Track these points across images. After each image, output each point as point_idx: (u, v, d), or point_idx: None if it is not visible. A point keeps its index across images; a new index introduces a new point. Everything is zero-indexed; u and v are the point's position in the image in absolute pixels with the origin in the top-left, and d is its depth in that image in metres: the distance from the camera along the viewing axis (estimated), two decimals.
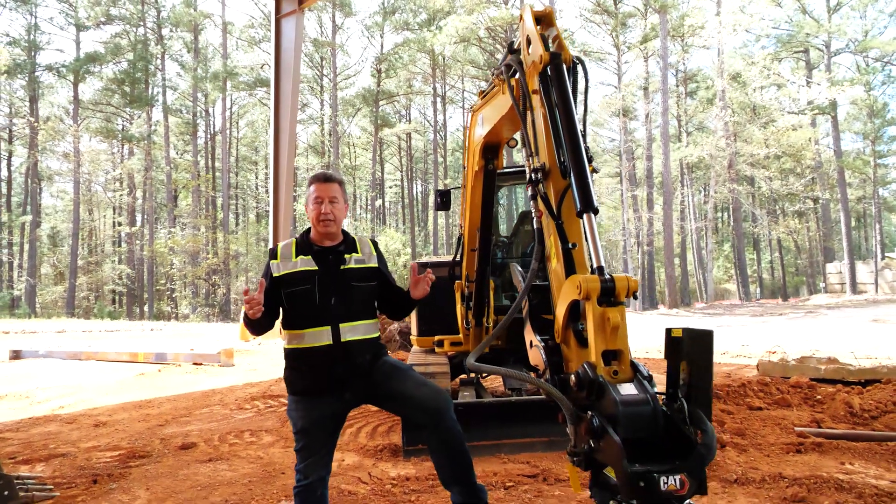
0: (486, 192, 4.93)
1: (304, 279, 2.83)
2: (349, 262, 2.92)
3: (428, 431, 2.85)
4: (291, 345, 2.86)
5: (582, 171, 2.38)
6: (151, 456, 4.87)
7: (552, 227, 2.50)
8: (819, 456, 4.30)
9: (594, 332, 2.08)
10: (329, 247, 2.94)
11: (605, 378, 2.02)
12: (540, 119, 2.68)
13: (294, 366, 2.87)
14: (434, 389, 2.89)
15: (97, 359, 11.81)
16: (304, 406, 2.81)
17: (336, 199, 2.92)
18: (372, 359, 2.88)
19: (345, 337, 2.80)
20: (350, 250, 2.97)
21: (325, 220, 2.88)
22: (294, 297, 2.84)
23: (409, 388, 2.87)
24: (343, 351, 2.79)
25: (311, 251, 2.91)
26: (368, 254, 3.01)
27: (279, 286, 2.85)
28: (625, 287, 2.11)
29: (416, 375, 2.97)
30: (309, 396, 2.82)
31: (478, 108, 4.60)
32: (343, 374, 2.80)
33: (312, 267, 2.86)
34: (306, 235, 2.99)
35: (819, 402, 5.77)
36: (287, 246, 2.96)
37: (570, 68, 2.69)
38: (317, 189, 2.91)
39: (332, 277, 2.85)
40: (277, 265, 2.89)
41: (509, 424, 4.76)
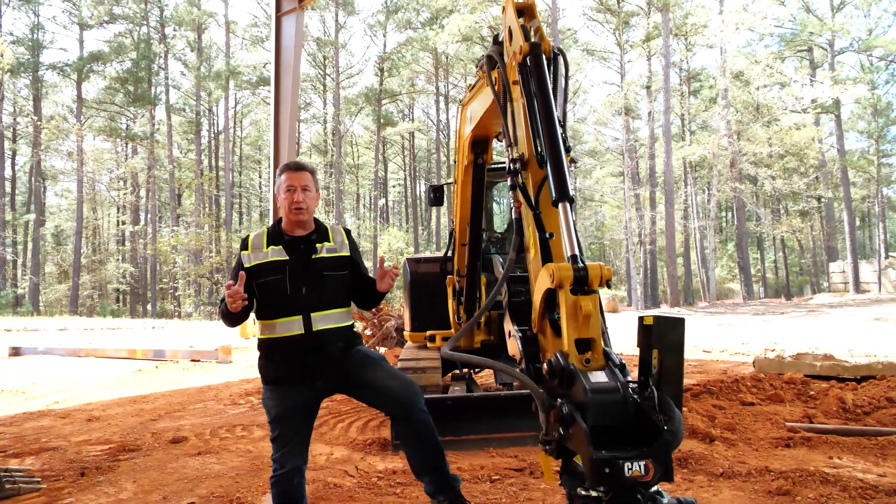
0: (476, 187, 4.92)
1: (274, 269, 2.82)
2: (321, 251, 2.90)
3: (398, 422, 2.86)
4: (264, 335, 2.87)
5: (558, 161, 2.38)
6: (141, 449, 4.89)
7: (530, 217, 2.50)
8: (807, 450, 4.29)
9: (567, 321, 2.08)
10: (300, 236, 2.94)
11: (576, 366, 2.01)
12: (519, 109, 2.69)
13: (267, 355, 2.88)
14: (405, 381, 2.90)
15: (96, 355, 11.85)
16: (277, 395, 2.82)
17: (308, 187, 2.91)
18: (344, 347, 2.88)
19: (316, 326, 2.79)
20: (322, 239, 2.95)
21: (298, 209, 2.86)
22: (265, 288, 2.83)
23: (381, 378, 2.86)
24: (315, 340, 2.79)
25: (282, 241, 2.90)
26: (340, 242, 3.00)
27: (251, 277, 2.84)
28: (597, 275, 2.10)
29: (387, 366, 2.97)
30: (282, 385, 2.82)
31: (466, 101, 4.60)
32: (315, 363, 2.80)
33: (283, 257, 2.85)
34: (278, 225, 2.99)
35: (812, 397, 5.75)
36: (258, 236, 2.95)
37: (551, 59, 2.70)
38: (288, 178, 2.89)
39: (304, 267, 2.84)
40: (248, 256, 2.89)
41: (499, 419, 4.76)
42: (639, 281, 40.25)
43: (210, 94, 45.78)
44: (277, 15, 17.59)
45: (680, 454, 4.11)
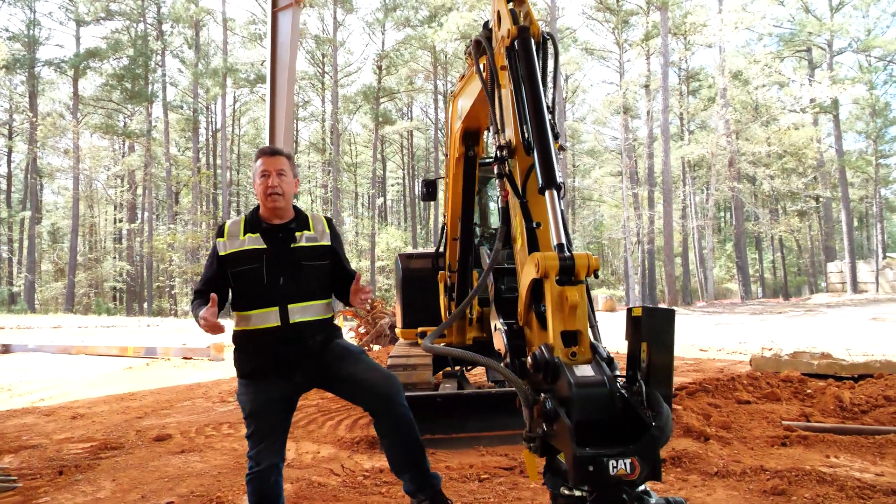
0: (467, 180, 4.83)
1: (251, 258, 2.71)
2: (300, 240, 2.79)
3: (378, 417, 2.74)
4: (239, 327, 2.76)
5: (545, 147, 2.29)
6: (124, 447, 4.78)
7: (517, 206, 2.41)
8: (804, 449, 4.19)
9: (552, 313, 1.99)
10: (279, 224, 2.82)
11: (561, 359, 1.92)
12: (507, 95, 2.60)
13: (242, 348, 2.77)
14: (385, 374, 2.80)
15: (87, 353, 11.74)
16: (252, 389, 2.71)
17: (284, 172, 2.79)
18: (323, 340, 2.77)
19: (294, 318, 2.69)
20: (301, 228, 2.84)
21: (273, 195, 2.75)
22: (240, 277, 2.72)
23: (360, 371, 2.76)
24: (292, 333, 2.68)
25: (259, 229, 2.78)
26: (321, 231, 2.89)
27: (225, 265, 2.74)
28: (584, 265, 2.01)
29: (367, 359, 2.86)
30: (257, 379, 2.72)
31: (457, 93, 4.51)
32: (292, 355, 2.69)
33: (260, 245, 2.73)
34: (255, 213, 2.87)
35: (809, 396, 5.66)
36: (235, 223, 2.84)
37: (540, 43, 2.60)
38: (264, 162, 2.78)
39: (282, 256, 2.73)
40: (224, 243, 2.77)
41: (489, 416, 4.65)
42: (637, 280, 40.19)
43: (208, 92, 45.62)
44: (273, 10, 17.45)
45: (674, 453, 4.01)
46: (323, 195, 49.79)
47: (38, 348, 12.32)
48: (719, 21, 35.05)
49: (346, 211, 53.14)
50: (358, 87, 49.08)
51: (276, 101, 17.37)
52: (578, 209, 52.75)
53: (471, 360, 2.21)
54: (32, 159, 43.19)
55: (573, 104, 53.01)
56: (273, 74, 17.42)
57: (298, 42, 20.04)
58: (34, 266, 42.57)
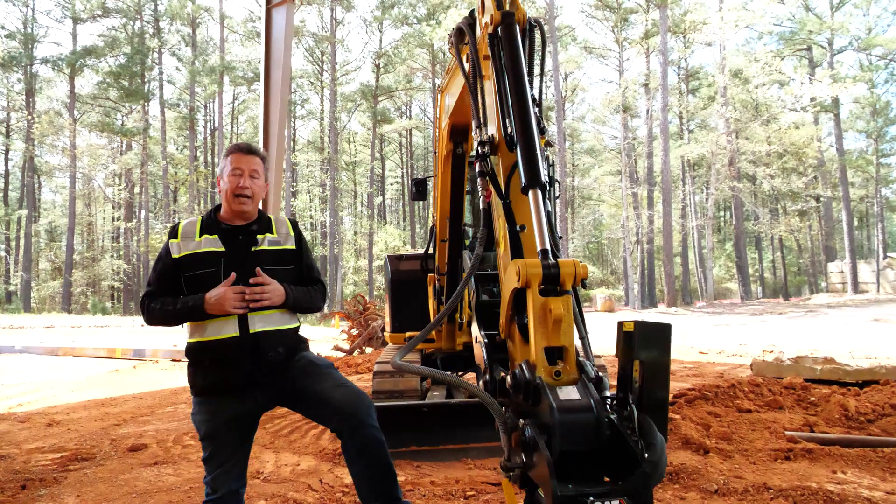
0: (456, 179, 4.62)
1: (207, 261, 2.48)
2: (262, 242, 2.57)
3: (343, 438, 2.49)
4: (193, 338, 2.51)
5: (529, 142, 2.08)
6: (95, 458, 4.56)
7: (500, 207, 2.19)
8: (809, 463, 3.97)
9: (534, 326, 1.78)
10: (240, 226, 2.60)
11: (543, 379, 1.71)
12: (489, 86, 2.39)
13: (196, 361, 2.52)
14: (353, 391, 2.54)
15: (74, 354, 11.53)
16: (208, 408, 2.47)
17: (257, 173, 2.58)
18: (287, 353, 2.54)
19: (254, 327, 2.45)
20: (264, 230, 2.62)
21: (242, 197, 2.53)
22: (195, 282, 2.48)
23: (326, 388, 2.51)
24: (252, 343, 2.45)
25: (217, 230, 2.56)
26: (285, 234, 2.67)
27: (178, 269, 2.51)
28: (571, 273, 1.80)
29: (335, 374, 2.62)
30: (214, 397, 2.48)
31: (444, 87, 4.29)
32: (252, 370, 2.45)
33: (218, 248, 2.51)
34: (214, 213, 2.64)
35: (813, 404, 5.44)
36: (191, 223, 2.61)
37: (526, 31, 2.39)
38: (236, 160, 2.56)
39: (241, 260, 2.50)
40: (177, 245, 2.54)
41: (478, 427, 4.42)
42: (636, 280, 39.97)
43: (205, 90, 45.36)
44: (268, 7, 17.21)
45: (671, 468, 3.79)
46: (321, 194, 49.56)
47: (25, 349, 12.11)
48: (719, 19, 34.82)
49: (344, 210, 52.91)
50: (356, 85, 48.84)
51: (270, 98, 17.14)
52: (578, 208, 52.50)
53: (440, 378, 1.99)
54: (30, 158, 42.93)
55: (573, 103, 52.82)
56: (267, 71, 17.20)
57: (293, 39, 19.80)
58: (30, 265, 42.32)
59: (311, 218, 52.03)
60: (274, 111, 17.53)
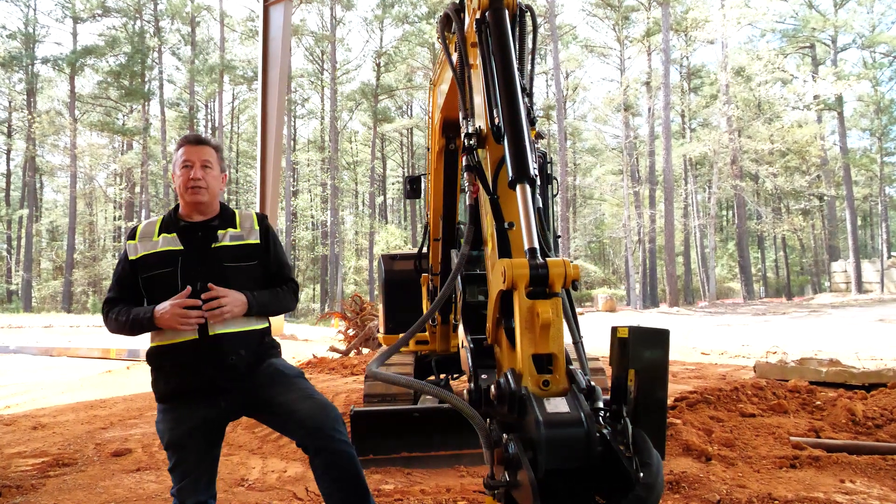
0: (449, 175, 4.48)
1: (164, 261, 2.35)
2: (222, 238, 2.42)
3: (311, 454, 2.33)
4: (154, 342, 2.38)
5: (517, 134, 1.93)
6: (76, 464, 4.42)
7: (488, 203, 2.04)
8: (816, 472, 3.82)
9: (521, 332, 1.64)
10: (199, 222, 2.45)
11: (530, 390, 1.56)
12: (477, 75, 2.24)
13: (157, 366, 2.39)
14: (320, 404, 2.37)
15: (68, 355, 11.42)
16: (171, 416, 2.33)
17: (209, 163, 2.43)
18: (251, 357, 2.37)
19: (214, 329, 2.29)
20: (226, 225, 2.47)
21: (195, 188, 2.38)
22: (152, 283, 2.36)
23: (292, 399, 2.35)
24: (211, 347, 2.29)
25: (176, 228, 2.43)
26: (249, 228, 2.50)
27: (136, 270, 2.38)
28: (560, 274, 1.65)
29: (303, 384, 2.45)
30: (177, 404, 2.33)
31: (435, 80, 4.15)
32: (214, 375, 2.30)
33: (176, 246, 2.38)
34: (174, 212, 2.50)
35: (819, 408, 5.28)
36: (150, 224, 2.48)
37: (516, 16, 2.24)
38: (186, 152, 2.41)
39: (200, 257, 2.37)
40: (135, 246, 2.41)
41: (472, 433, 4.26)
42: (638, 280, 39.80)
43: (205, 89, 45.27)
44: (265, 4, 17.16)
45: (672, 476, 3.64)
46: (322, 193, 49.44)
47: (19, 350, 12.00)
48: (721, 17, 34.61)
49: (345, 209, 52.77)
50: (357, 84, 48.70)
51: (268, 96, 17.07)
52: (579, 208, 52.30)
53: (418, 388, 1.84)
54: (31, 157, 42.89)
55: (574, 102, 52.59)
56: (265, 69, 17.11)
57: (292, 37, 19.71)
58: (31, 264, 42.27)
59: (311, 217, 51.94)
60: (272, 109, 17.43)
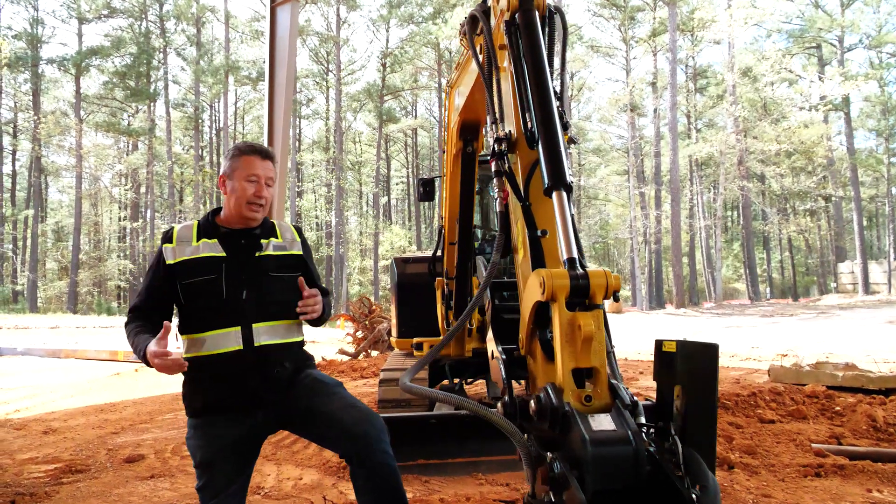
0: (466, 179, 4.42)
1: (206, 267, 2.25)
2: (266, 247, 2.34)
3: (353, 465, 2.21)
4: (190, 353, 2.26)
5: (552, 139, 1.88)
6: (90, 470, 4.37)
7: (519, 210, 1.99)
8: (842, 480, 3.75)
9: (561, 345, 1.58)
10: (241, 229, 2.36)
11: (573, 406, 1.51)
12: (507, 79, 2.19)
13: (194, 378, 2.28)
14: (365, 413, 2.27)
15: (76, 357, 11.38)
16: (204, 433, 2.23)
17: (272, 181, 2.37)
18: (293, 369, 2.31)
19: (259, 340, 2.22)
20: (268, 235, 2.39)
21: (256, 206, 2.31)
22: (193, 291, 2.25)
23: (335, 408, 2.25)
24: (257, 357, 2.22)
25: (216, 233, 2.33)
26: (290, 239, 2.44)
27: (174, 276, 2.27)
28: (602, 285, 1.59)
29: (344, 394, 2.37)
30: (212, 418, 2.23)
31: (453, 82, 4.09)
32: (256, 387, 2.22)
33: (218, 252, 2.28)
34: (212, 217, 2.40)
35: (838, 414, 5.21)
36: (187, 228, 2.36)
37: (546, 19, 2.19)
38: (251, 165, 2.32)
39: (244, 266, 2.28)
40: (172, 250, 2.29)
41: (489, 439, 4.20)
42: (643, 281, 39.67)
43: (210, 89, 45.32)
44: (272, 5, 17.05)
45: None
46: (326, 194, 49.44)
47: (26, 352, 11.98)
48: (728, 17, 34.48)
49: (349, 210, 52.76)
50: (362, 84, 48.70)
51: (275, 97, 16.94)
52: (584, 208, 52.17)
53: (456, 403, 1.78)
54: (36, 158, 43.00)
55: (579, 102, 52.50)
56: (272, 70, 16.98)
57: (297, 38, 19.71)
58: (37, 264, 42.36)
59: (316, 218, 51.95)
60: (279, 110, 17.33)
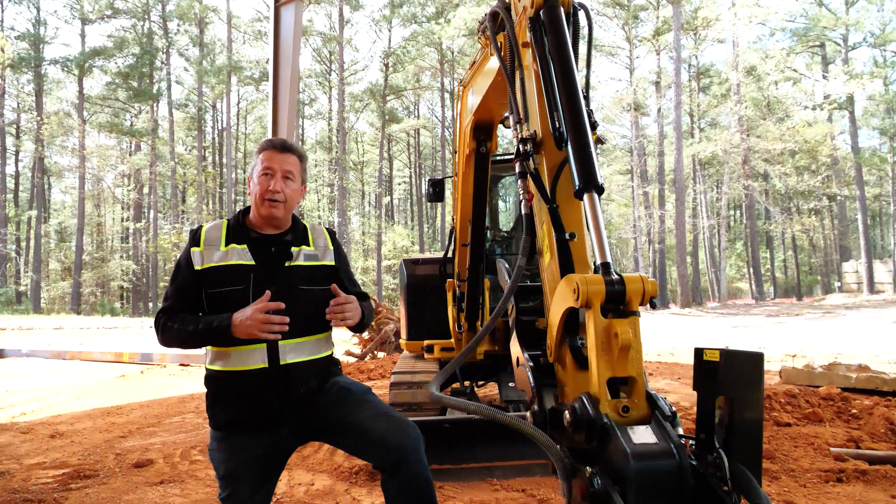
0: (479, 179, 4.35)
1: (235, 276, 2.14)
2: (296, 256, 2.23)
3: (385, 475, 2.12)
4: (214, 365, 2.17)
5: (582, 139, 1.80)
6: (98, 476, 4.32)
7: (545, 212, 1.91)
8: (864, 486, 3.68)
9: (597, 354, 1.50)
10: (272, 235, 2.25)
11: (610, 417, 1.44)
12: (531, 77, 2.12)
13: (217, 393, 2.20)
14: (399, 421, 2.18)
15: (81, 358, 11.34)
16: (229, 445, 2.16)
17: (292, 175, 2.24)
18: (319, 386, 2.23)
19: (285, 358, 2.13)
20: (299, 242, 2.27)
21: (273, 201, 2.18)
22: (220, 301, 2.14)
23: (366, 418, 2.16)
24: (282, 376, 2.13)
25: (246, 238, 2.21)
26: (323, 247, 2.32)
27: (200, 282, 2.16)
28: (638, 291, 1.53)
29: (375, 401, 2.27)
30: (236, 433, 2.16)
31: (467, 81, 4.02)
32: (280, 406, 2.14)
33: (248, 261, 2.16)
34: (242, 217, 2.29)
35: (855, 416, 5.14)
36: (215, 228, 2.24)
37: (570, 14, 2.13)
38: (268, 158, 2.21)
39: (273, 276, 2.16)
40: (200, 254, 2.17)
41: (504, 444, 4.14)
42: None
43: (213, 90, 45.31)
44: (276, 5, 17.05)
45: None
46: (329, 194, 49.43)
47: (31, 353, 11.93)
48: (732, 15, 34.37)
49: (352, 210, 52.74)
50: (364, 84, 48.69)
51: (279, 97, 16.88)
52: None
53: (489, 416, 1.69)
54: (39, 159, 43.03)
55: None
56: (276, 70, 16.94)
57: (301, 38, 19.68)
58: (40, 265, 42.39)
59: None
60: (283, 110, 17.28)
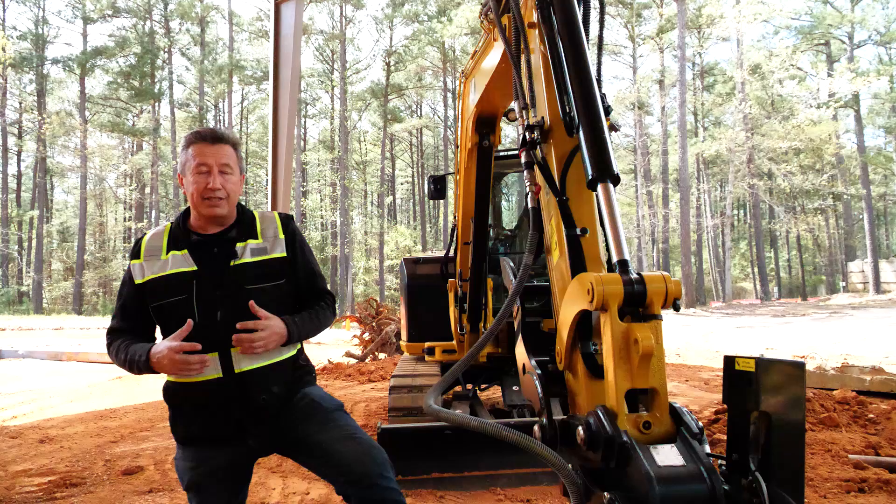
0: (481, 175, 4.17)
1: (176, 286, 1.96)
2: (242, 253, 2.01)
3: (351, 502, 1.97)
4: (170, 377, 2.02)
5: (595, 125, 1.61)
6: (85, 483, 4.15)
7: (554, 205, 1.72)
8: (888, 497, 3.49)
9: (615, 362, 1.32)
10: (214, 235, 2.05)
11: (630, 434, 1.25)
12: (539, 59, 1.93)
13: (175, 405, 2.05)
14: (365, 445, 2.01)
15: (77, 360, 11.20)
16: (193, 455, 2.01)
17: (229, 167, 2.02)
18: (283, 391, 2.04)
19: (240, 366, 1.94)
20: (245, 236, 2.05)
21: (214, 199, 1.97)
22: (164, 314, 1.98)
23: (333, 438, 2.00)
24: (238, 386, 1.95)
25: (187, 243, 2.02)
26: (272, 238, 2.09)
27: (143, 296, 2.00)
28: (660, 292, 1.35)
29: (343, 420, 2.09)
30: (198, 445, 2.02)
31: (469, 72, 3.85)
32: (241, 417, 1.97)
33: (188, 267, 1.98)
34: (184, 220, 2.09)
35: (872, 421, 4.95)
36: (156, 236, 2.06)
37: None
38: (200, 153, 1.98)
39: (218, 280, 1.97)
40: (140, 267, 2.01)
41: (507, 451, 3.96)
42: None
43: (214, 89, 45.23)
44: (276, 2, 16.93)
45: None
46: (331, 194, 49.30)
47: (27, 354, 11.81)
48: (736, 13, 34.12)
49: (354, 210, 52.59)
50: (366, 84, 48.57)
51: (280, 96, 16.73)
52: None
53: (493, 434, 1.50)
54: (41, 158, 43.00)
55: None
56: (276, 69, 16.78)
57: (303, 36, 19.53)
58: (42, 265, 42.35)
59: (321, 217, 51.82)
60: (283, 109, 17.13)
